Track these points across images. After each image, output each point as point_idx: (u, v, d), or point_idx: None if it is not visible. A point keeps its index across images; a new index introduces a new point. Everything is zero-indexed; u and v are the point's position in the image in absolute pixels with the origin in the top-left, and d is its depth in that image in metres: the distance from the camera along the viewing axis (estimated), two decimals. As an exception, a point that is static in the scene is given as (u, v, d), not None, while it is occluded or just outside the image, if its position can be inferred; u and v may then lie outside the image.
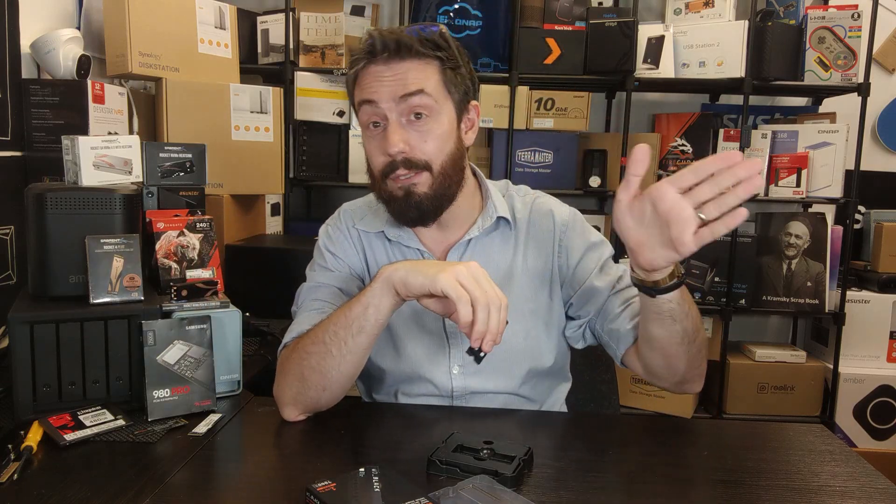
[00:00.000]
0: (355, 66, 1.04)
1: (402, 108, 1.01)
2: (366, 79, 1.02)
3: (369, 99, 1.02)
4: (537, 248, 1.14)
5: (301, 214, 2.71)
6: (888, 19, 2.59)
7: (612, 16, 2.35)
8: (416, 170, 1.02)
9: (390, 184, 1.04)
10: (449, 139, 1.04)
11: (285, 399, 0.99)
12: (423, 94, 1.00)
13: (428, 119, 1.02)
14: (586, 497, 0.80)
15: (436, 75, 1.02)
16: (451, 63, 1.04)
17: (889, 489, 0.83)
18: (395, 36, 1.00)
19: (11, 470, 0.81)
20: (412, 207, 1.04)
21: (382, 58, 1.01)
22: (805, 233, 2.44)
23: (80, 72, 1.65)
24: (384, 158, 1.03)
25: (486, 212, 1.13)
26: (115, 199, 1.08)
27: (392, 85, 1.00)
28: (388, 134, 1.01)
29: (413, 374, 1.12)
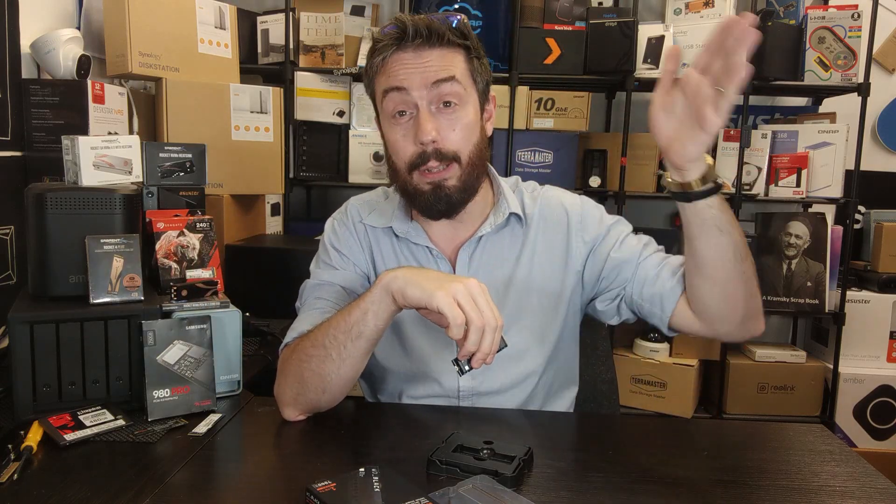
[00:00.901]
0: (382, 52, 1.00)
1: (432, 94, 0.99)
2: (393, 66, 1.00)
3: (398, 86, 0.99)
4: (549, 243, 1.13)
5: (301, 214, 2.71)
6: (888, 19, 2.58)
7: (612, 16, 2.35)
8: (447, 161, 1.01)
9: (417, 177, 1.02)
10: (475, 129, 1.04)
11: (285, 399, 0.99)
12: (454, 82, 0.99)
13: (457, 108, 1.01)
14: (586, 497, 0.80)
15: (463, 64, 1.02)
16: (476, 52, 1.04)
17: (889, 489, 0.83)
18: (425, 22, 0.98)
19: (11, 470, 0.81)
20: (441, 200, 1.02)
21: (413, 44, 0.98)
22: (805, 233, 2.44)
23: (80, 72, 1.65)
24: (414, 148, 1.01)
25: (499, 208, 1.12)
26: (115, 199, 1.08)
27: (422, 72, 0.98)
28: (419, 122, 0.99)
29: (419, 374, 1.11)
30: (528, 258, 1.12)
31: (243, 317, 1.13)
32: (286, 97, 2.24)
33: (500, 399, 1.11)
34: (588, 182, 2.44)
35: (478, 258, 1.11)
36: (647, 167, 2.47)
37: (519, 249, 1.13)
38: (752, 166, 2.43)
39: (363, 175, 2.47)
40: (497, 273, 1.11)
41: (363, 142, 2.46)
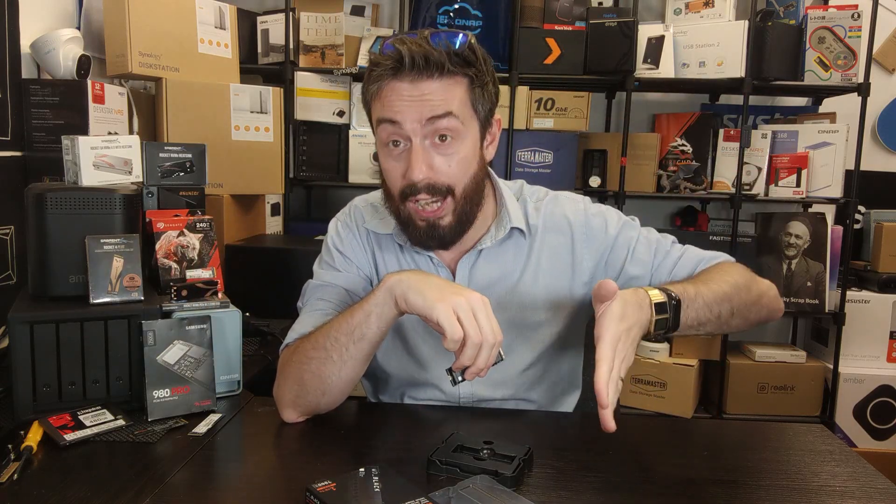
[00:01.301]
0: (377, 80, 0.96)
1: (426, 130, 0.95)
2: (388, 95, 0.96)
3: (392, 119, 0.96)
4: (554, 256, 1.11)
5: (301, 214, 2.71)
6: (888, 19, 2.58)
7: (612, 16, 2.35)
8: (439, 196, 0.98)
9: (410, 207, 0.99)
10: (472, 161, 1.00)
11: (285, 401, 0.99)
12: (450, 117, 0.95)
13: (453, 142, 0.97)
14: (586, 497, 0.80)
15: (463, 94, 0.97)
16: (480, 80, 0.98)
17: (889, 489, 0.83)
18: (423, 51, 0.93)
19: (11, 470, 0.81)
20: (434, 238, 1.01)
21: (409, 75, 0.94)
22: (805, 233, 2.44)
23: (80, 72, 1.65)
24: (404, 182, 0.98)
25: (500, 221, 1.09)
26: (115, 199, 1.08)
27: (418, 106, 0.94)
28: (411, 160, 0.96)
29: (420, 379, 1.11)
30: (533, 270, 1.10)
31: (243, 317, 1.13)
32: (286, 97, 2.24)
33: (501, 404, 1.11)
34: (588, 182, 2.44)
35: (479, 270, 1.09)
36: (647, 167, 2.47)
37: (524, 262, 1.10)
38: (752, 166, 2.43)
39: (363, 175, 2.47)
40: (498, 285, 1.09)
41: (363, 142, 2.46)
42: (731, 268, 1.07)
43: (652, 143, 2.48)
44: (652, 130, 2.62)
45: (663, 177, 2.49)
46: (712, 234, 2.43)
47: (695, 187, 2.46)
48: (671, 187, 2.48)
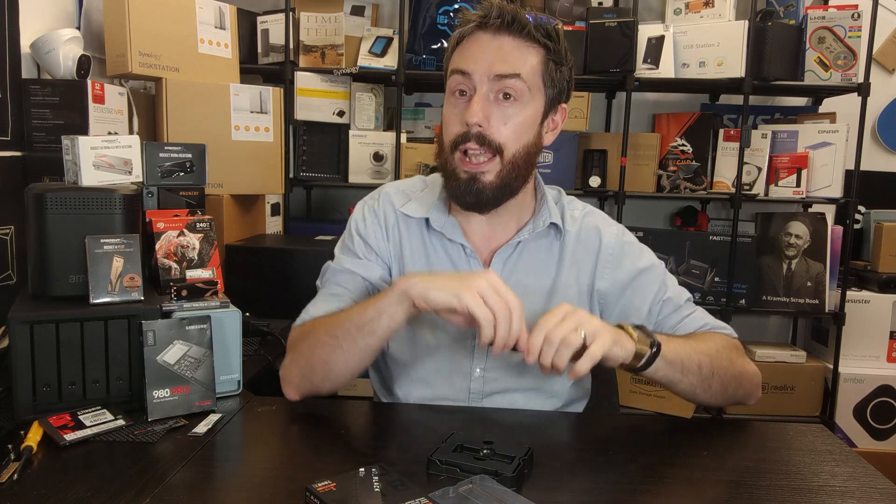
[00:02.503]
0: (463, 26, 1.02)
1: (493, 85, 0.99)
2: (468, 45, 1.01)
3: (463, 70, 1.00)
4: (580, 266, 1.12)
5: (301, 214, 2.71)
6: (888, 19, 2.59)
7: (612, 16, 2.35)
8: (488, 150, 1.00)
9: (457, 158, 1.01)
10: (530, 130, 1.02)
11: (291, 380, 1.03)
12: (517, 79, 0.98)
13: (515, 103, 1.00)
14: (586, 497, 0.80)
15: (537, 63, 1.01)
16: (556, 56, 1.02)
17: (889, 489, 0.83)
18: (512, 9, 0.99)
19: (11, 470, 0.81)
20: (472, 192, 1.01)
21: (493, 26, 0.99)
22: (805, 233, 2.45)
23: (80, 72, 1.65)
24: (459, 128, 1.00)
25: (540, 215, 1.10)
26: (115, 199, 1.08)
27: (491, 59, 0.98)
28: (471, 104, 0.99)
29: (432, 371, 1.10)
30: (566, 274, 1.11)
31: (243, 317, 1.13)
32: (286, 97, 2.24)
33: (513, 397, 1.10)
34: (588, 182, 2.44)
35: (513, 263, 1.10)
36: (647, 167, 2.47)
37: (557, 260, 1.11)
38: (752, 166, 2.43)
39: (363, 175, 2.47)
40: (530, 281, 1.10)
41: (363, 142, 2.46)
42: (727, 340, 1.09)
43: (652, 143, 2.48)
44: (652, 130, 2.62)
45: (663, 177, 2.49)
46: (712, 234, 2.43)
47: (695, 187, 2.46)
48: (671, 187, 2.48)
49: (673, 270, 2.43)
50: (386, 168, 2.47)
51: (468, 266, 1.10)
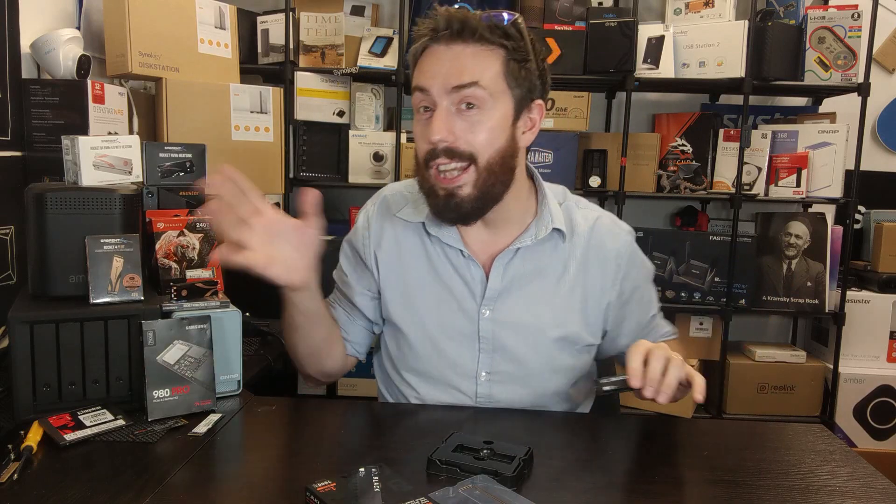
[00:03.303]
0: (417, 41, 1.00)
1: (452, 97, 0.97)
2: (425, 60, 0.99)
3: (421, 86, 0.98)
4: (597, 270, 1.10)
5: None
6: (888, 19, 2.58)
7: (612, 16, 2.35)
8: (460, 161, 0.98)
9: (432, 175, 1.00)
10: (500, 135, 0.99)
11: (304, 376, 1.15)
12: (476, 87, 0.96)
13: (479, 111, 0.97)
14: (586, 497, 0.80)
15: (497, 66, 0.97)
16: (519, 55, 0.98)
17: (889, 489, 0.83)
18: (462, 15, 0.96)
19: (11, 470, 0.81)
20: (451, 209, 1.00)
21: (444, 36, 0.97)
22: (805, 233, 2.44)
23: (80, 72, 1.65)
24: (426, 145, 0.99)
25: (541, 220, 1.08)
26: (115, 199, 1.08)
27: (447, 72, 0.96)
28: (432, 121, 0.97)
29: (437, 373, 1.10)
30: (572, 279, 1.09)
31: (243, 317, 1.13)
32: (286, 97, 2.24)
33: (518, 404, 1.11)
34: (588, 182, 2.44)
35: (514, 269, 1.08)
36: (647, 167, 2.47)
37: (562, 266, 1.09)
38: (752, 166, 2.43)
39: (363, 175, 2.47)
40: (533, 287, 1.09)
41: (363, 142, 2.46)
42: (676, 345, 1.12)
43: (652, 143, 2.48)
44: (652, 130, 2.62)
45: (663, 177, 2.49)
46: (712, 234, 2.43)
47: (695, 187, 2.46)
48: (671, 187, 2.48)
49: (673, 270, 2.43)
50: (386, 168, 2.47)
51: (468, 270, 1.09)
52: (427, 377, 1.11)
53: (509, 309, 1.08)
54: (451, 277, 1.10)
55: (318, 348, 1.09)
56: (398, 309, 1.12)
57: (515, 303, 1.08)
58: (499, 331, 1.08)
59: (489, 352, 1.08)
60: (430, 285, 1.10)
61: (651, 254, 2.43)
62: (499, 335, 1.08)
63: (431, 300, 1.10)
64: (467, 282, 1.09)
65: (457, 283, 1.09)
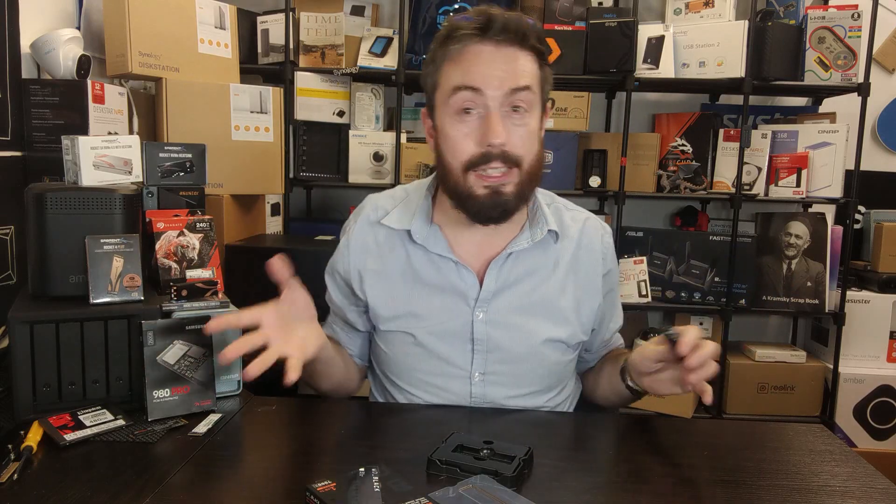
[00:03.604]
0: (462, 40, 0.95)
1: (506, 99, 0.96)
2: (469, 59, 0.95)
3: (473, 86, 0.95)
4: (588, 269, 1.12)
5: (301, 214, 2.71)
6: (888, 19, 2.59)
7: (612, 16, 2.35)
8: (510, 165, 0.97)
9: (473, 179, 0.98)
10: (537, 137, 1.01)
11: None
12: (528, 91, 0.97)
13: (526, 114, 0.98)
14: (586, 497, 0.80)
15: (537, 71, 0.99)
16: (545, 60, 1.01)
17: (889, 489, 0.83)
18: (515, 16, 0.95)
19: (11, 470, 0.81)
20: (497, 206, 0.99)
21: (494, 39, 0.94)
22: (805, 233, 2.44)
23: (80, 72, 1.65)
24: (477, 148, 0.97)
25: (537, 223, 1.08)
26: (115, 199, 1.08)
27: (502, 76, 0.94)
28: (490, 123, 0.95)
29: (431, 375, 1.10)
30: (562, 279, 1.10)
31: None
32: (286, 97, 2.24)
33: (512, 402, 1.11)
34: (588, 182, 2.44)
35: (507, 272, 1.08)
36: (647, 167, 2.47)
37: (551, 268, 1.10)
38: (752, 166, 2.43)
39: (363, 175, 2.47)
40: (525, 287, 1.09)
41: (363, 142, 2.46)
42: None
43: (652, 143, 2.48)
44: (652, 130, 2.62)
45: (663, 177, 2.49)
46: (712, 234, 2.43)
47: (695, 187, 2.46)
48: (671, 187, 2.48)
49: (673, 270, 2.43)
50: (386, 168, 2.47)
51: (459, 276, 1.08)
52: (419, 381, 1.11)
53: (503, 309, 1.08)
54: (440, 282, 1.09)
55: (339, 383, 1.15)
56: (388, 318, 1.11)
57: (509, 303, 1.08)
58: (493, 331, 1.08)
59: (483, 352, 1.08)
60: (418, 291, 1.09)
61: (651, 254, 2.44)
62: (493, 336, 1.08)
63: (421, 306, 1.09)
64: (458, 287, 1.08)
65: (446, 287, 1.09)
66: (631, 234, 2.45)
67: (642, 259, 2.40)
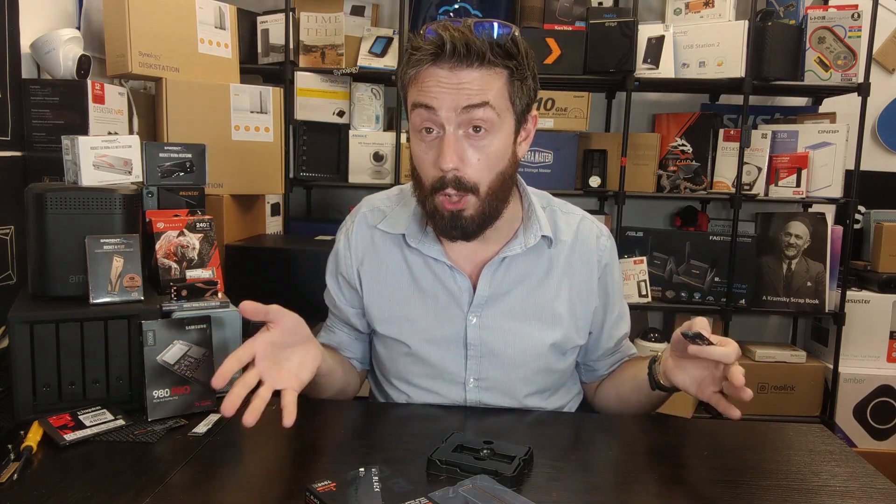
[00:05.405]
0: (416, 65, 0.95)
1: (461, 119, 0.94)
2: (426, 80, 0.95)
3: (427, 104, 0.94)
4: (582, 271, 1.12)
5: (301, 214, 2.71)
6: (888, 19, 2.59)
7: (612, 16, 2.35)
8: (464, 191, 0.97)
9: (439, 200, 0.99)
10: (503, 156, 0.99)
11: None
12: (486, 107, 0.94)
13: (486, 134, 0.96)
14: (586, 497, 0.80)
15: (501, 85, 0.95)
16: (520, 73, 0.96)
17: (889, 489, 0.83)
18: (464, 38, 0.92)
19: (11, 470, 0.81)
20: (458, 228, 1.00)
21: (448, 62, 0.93)
22: (805, 233, 2.44)
23: (80, 72, 1.65)
24: (435, 172, 0.97)
25: (530, 228, 1.08)
26: (115, 199, 1.08)
27: (455, 94, 0.93)
28: (443, 148, 0.95)
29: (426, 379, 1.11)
30: (556, 283, 1.10)
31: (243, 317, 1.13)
32: (286, 97, 2.24)
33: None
34: (588, 182, 2.44)
35: (500, 276, 1.09)
36: (647, 167, 2.47)
37: (545, 272, 1.10)
38: (752, 166, 2.43)
39: (363, 175, 2.47)
40: (519, 291, 1.09)
41: (363, 142, 2.46)
42: None
43: (652, 143, 2.48)
44: (652, 130, 2.62)
45: (663, 177, 2.49)
46: (712, 234, 2.43)
47: (695, 187, 2.46)
48: (671, 187, 2.48)
49: (673, 270, 2.43)
50: (386, 168, 2.47)
51: (454, 281, 1.08)
52: (415, 385, 1.12)
53: (496, 315, 1.08)
54: (435, 287, 1.09)
55: (340, 389, 1.13)
56: (383, 320, 1.12)
57: (503, 308, 1.08)
58: (486, 336, 1.08)
59: (477, 358, 1.09)
60: (413, 295, 1.10)
61: (651, 254, 2.43)
62: (486, 341, 1.08)
63: (416, 310, 1.10)
64: (453, 291, 1.09)
65: (441, 292, 1.09)
66: (631, 234, 2.45)
67: (642, 259, 2.40)
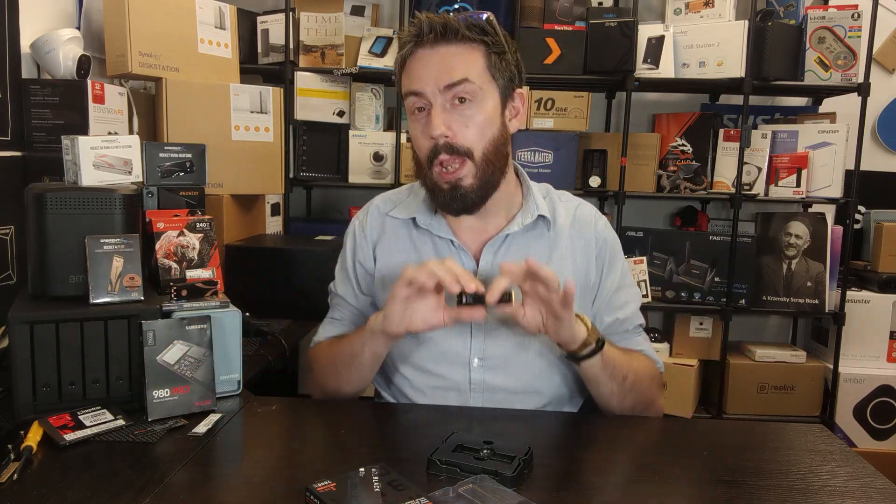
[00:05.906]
0: (403, 52, 1.05)
1: (446, 95, 1.02)
2: (412, 66, 1.04)
3: (415, 90, 1.04)
4: (575, 256, 1.15)
5: (301, 214, 2.71)
6: (888, 19, 2.58)
7: (612, 16, 2.35)
8: (459, 156, 1.03)
9: (435, 172, 1.05)
10: (492, 124, 1.05)
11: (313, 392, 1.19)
12: (466, 83, 1.02)
13: (472, 103, 1.03)
14: (586, 497, 0.80)
15: (481, 60, 1.04)
16: (497, 48, 1.05)
17: (889, 489, 0.83)
18: (442, 19, 1.03)
19: (11, 470, 0.81)
20: (458, 199, 1.05)
21: (429, 40, 1.02)
22: (805, 233, 2.44)
23: (80, 72, 1.65)
24: (428, 143, 1.04)
25: (527, 208, 1.14)
26: (115, 199, 1.08)
27: (437, 72, 1.02)
28: (430, 118, 1.03)
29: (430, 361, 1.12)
30: (558, 264, 1.13)
31: (243, 317, 1.13)
32: (286, 97, 2.24)
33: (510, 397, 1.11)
34: (588, 182, 2.44)
35: (502, 255, 1.12)
36: (646, 167, 2.47)
37: (548, 253, 1.14)
38: (752, 166, 2.43)
39: (363, 175, 2.47)
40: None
41: (363, 142, 2.46)
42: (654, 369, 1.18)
43: (652, 143, 2.48)
44: (652, 130, 2.62)
45: (663, 177, 2.49)
46: (712, 234, 2.43)
47: (695, 187, 2.46)
48: (671, 187, 2.48)
49: (673, 270, 2.43)
50: (386, 168, 2.47)
51: (459, 259, 1.12)
52: (420, 368, 1.13)
53: None
54: None
55: (366, 381, 1.14)
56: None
57: None
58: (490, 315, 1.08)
59: (481, 337, 1.11)
60: None
61: (651, 254, 2.43)
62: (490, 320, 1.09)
63: None
64: None
65: None
66: (631, 234, 2.45)
67: (642, 259, 2.40)
